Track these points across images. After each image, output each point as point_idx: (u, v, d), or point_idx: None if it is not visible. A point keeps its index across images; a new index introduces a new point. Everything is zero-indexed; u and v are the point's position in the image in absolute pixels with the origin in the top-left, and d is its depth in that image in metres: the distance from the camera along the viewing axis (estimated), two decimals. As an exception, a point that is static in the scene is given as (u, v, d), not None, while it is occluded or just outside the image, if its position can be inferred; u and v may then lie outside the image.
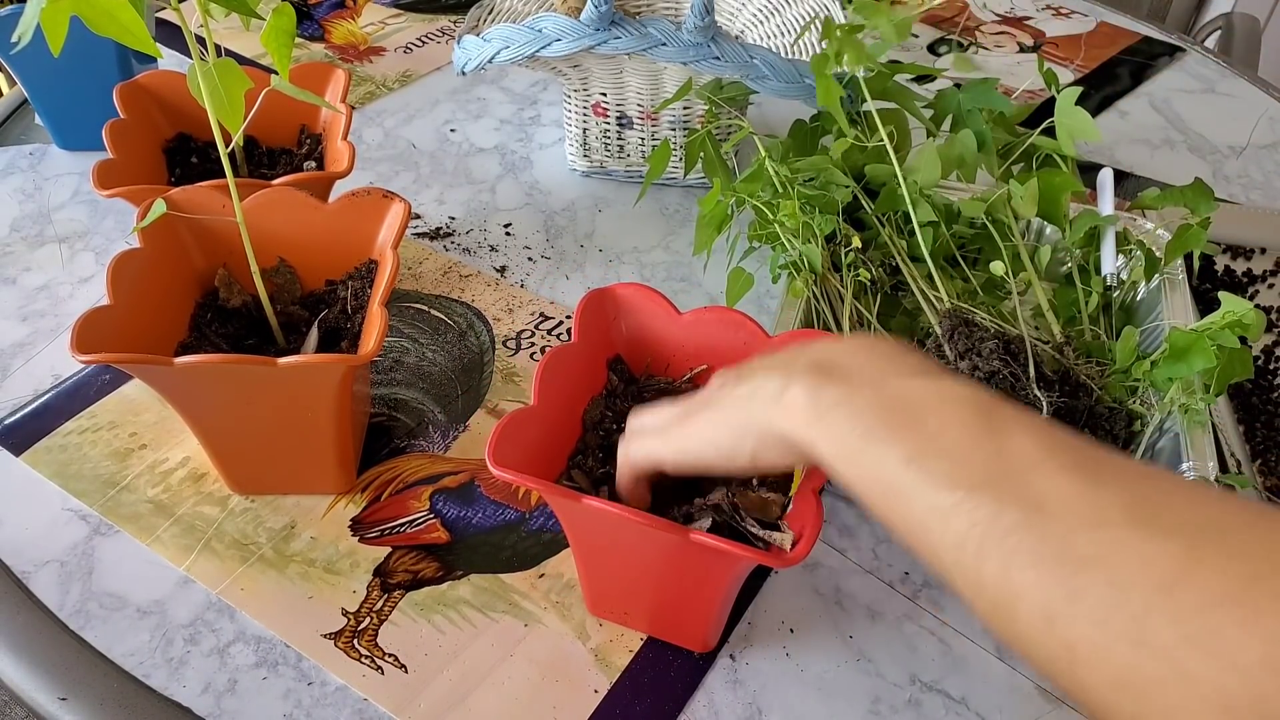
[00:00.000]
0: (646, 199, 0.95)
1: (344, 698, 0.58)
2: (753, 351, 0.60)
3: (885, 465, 0.36)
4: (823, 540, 0.67)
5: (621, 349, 0.62)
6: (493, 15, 0.97)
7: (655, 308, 0.61)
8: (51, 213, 0.91)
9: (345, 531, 0.66)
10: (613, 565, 0.58)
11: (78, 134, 0.97)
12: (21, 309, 0.81)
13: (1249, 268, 0.88)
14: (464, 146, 1.03)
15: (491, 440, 0.50)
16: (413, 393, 0.76)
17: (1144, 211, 0.79)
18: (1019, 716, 0.59)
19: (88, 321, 0.57)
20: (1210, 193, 0.73)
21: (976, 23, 1.30)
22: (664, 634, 0.61)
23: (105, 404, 0.74)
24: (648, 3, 1.04)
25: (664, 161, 0.83)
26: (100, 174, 0.70)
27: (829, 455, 0.39)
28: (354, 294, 0.68)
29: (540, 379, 0.55)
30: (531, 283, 0.87)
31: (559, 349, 0.57)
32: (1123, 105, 1.16)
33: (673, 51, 0.79)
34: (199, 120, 0.80)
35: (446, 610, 0.62)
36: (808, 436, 0.39)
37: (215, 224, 0.67)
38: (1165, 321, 0.74)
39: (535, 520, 0.67)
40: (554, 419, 0.56)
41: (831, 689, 0.60)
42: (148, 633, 0.60)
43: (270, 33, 0.56)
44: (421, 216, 0.93)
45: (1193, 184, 0.74)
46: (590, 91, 0.91)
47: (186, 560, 0.64)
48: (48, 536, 0.65)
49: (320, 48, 1.18)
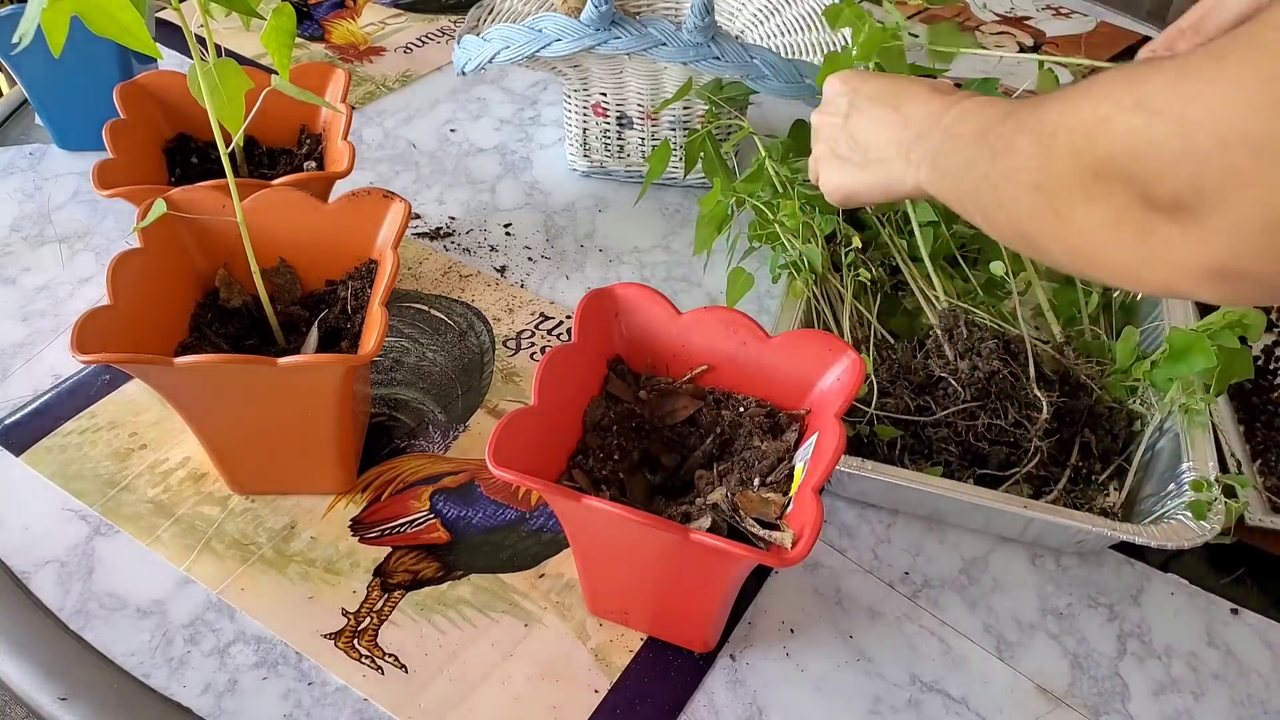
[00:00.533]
0: (646, 199, 0.95)
1: (344, 698, 0.58)
2: (753, 351, 0.60)
3: (951, 166, 0.50)
4: (823, 540, 0.67)
5: (621, 349, 0.62)
6: (493, 15, 0.97)
7: (655, 308, 0.61)
8: (51, 213, 0.91)
9: (345, 531, 0.66)
10: (612, 565, 0.58)
11: (78, 134, 0.97)
12: (21, 309, 0.81)
13: (1249, 268, 0.88)
14: (464, 146, 1.03)
15: (492, 440, 0.50)
16: (413, 393, 0.76)
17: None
18: (1019, 716, 0.59)
19: (88, 321, 0.57)
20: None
21: (977, 23, 1.30)
22: (664, 634, 0.61)
23: (105, 404, 0.74)
24: (648, 3, 1.04)
25: (664, 162, 0.83)
26: (100, 174, 0.70)
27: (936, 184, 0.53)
28: (354, 294, 0.68)
29: (540, 379, 0.55)
30: (531, 283, 0.87)
31: (559, 349, 0.57)
32: (1123, 105, 1.16)
33: (673, 51, 0.79)
34: (199, 120, 0.80)
35: (446, 610, 0.62)
36: (916, 181, 0.54)
37: (215, 224, 0.67)
38: (1165, 321, 0.74)
39: (535, 520, 0.67)
40: (554, 419, 0.56)
41: (831, 689, 0.60)
42: (148, 633, 0.60)
43: (270, 33, 0.56)
44: (421, 216, 0.93)
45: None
46: (590, 91, 0.91)
47: (186, 560, 0.64)
48: (48, 536, 0.65)
49: (320, 48, 1.18)
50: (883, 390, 0.69)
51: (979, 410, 0.67)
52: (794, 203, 0.73)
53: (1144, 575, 0.67)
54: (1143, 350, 0.71)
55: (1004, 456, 0.67)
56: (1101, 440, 0.69)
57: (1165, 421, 0.68)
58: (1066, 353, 0.72)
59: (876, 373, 0.69)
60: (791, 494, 0.54)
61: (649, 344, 0.62)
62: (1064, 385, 0.71)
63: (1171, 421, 0.67)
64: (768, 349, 0.59)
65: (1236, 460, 0.72)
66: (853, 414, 0.68)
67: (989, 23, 1.30)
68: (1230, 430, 0.74)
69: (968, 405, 0.67)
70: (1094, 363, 0.73)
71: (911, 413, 0.68)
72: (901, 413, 0.68)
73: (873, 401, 0.68)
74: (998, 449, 0.67)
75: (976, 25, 1.30)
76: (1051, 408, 0.67)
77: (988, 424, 0.66)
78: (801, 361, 0.59)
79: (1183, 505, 0.61)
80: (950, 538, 0.68)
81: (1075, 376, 0.71)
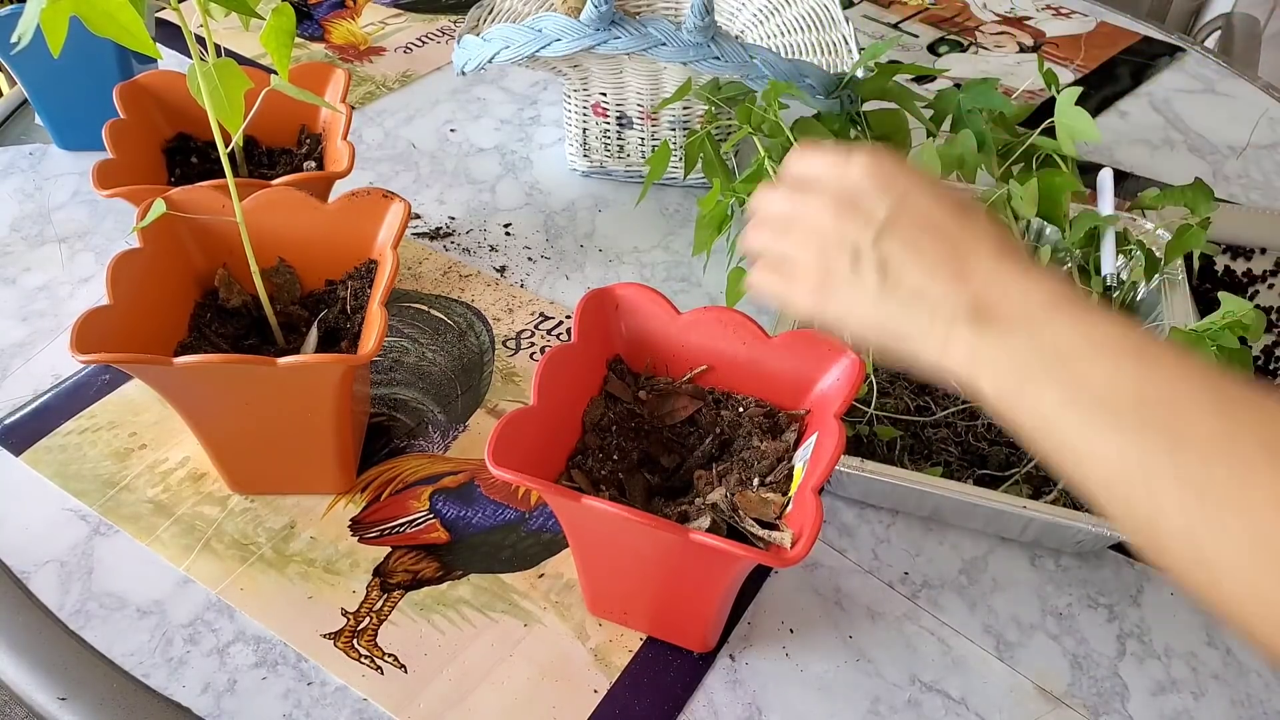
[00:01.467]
0: (646, 199, 0.95)
1: (343, 698, 0.58)
2: (753, 352, 0.60)
3: (1042, 405, 0.40)
4: (823, 540, 0.67)
5: (621, 349, 0.62)
6: (493, 15, 0.97)
7: (655, 308, 0.61)
8: (51, 213, 0.91)
9: (345, 531, 0.66)
10: (612, 565, 0.58)
11: (78, 134, 0.97)
12: (21, 309, 0.81)
13: (1249, 268, 0.88)
14: (464, 146, 1.03)
15: (491, 440, 0.50)
16: (412, 393, 0.76)
17: (1144, 211, 0.79)
18: (1019, 716, 0.59)
19: (88, 321, 0.57)
20: (1210, 193, 0.73)
21: (976, 23, 1.30)
22: (663, 634, 0.61)
23: (105, 404, 0.74)
24: (648, 3, 1.04)
25: (664, 163, 0.83)
26: (100, 174, 0.70)
27: (990, 393, 0.42)
28: (354, 294, 0.68)
29: (540, 379, 0.55)
30: (531, 283, 0.87)
31: (559, 349, 0.57)
32: (1123, 105, 1.16)
33: (673, 51, 0.79)
34: (199, 120, 0.80)
35: (446, 610, 0.62)
36: (970, 374, 0.43)
37: (215, 224, 0.67)
38: (1165, 321, 0.74)
39: (535, 520, 0.67)
40: (554, 419, 0.56)
41: (831, 689, 0.60)
42: (147, 633, 0.60)
43: (270, 33, 0.56)
44: (421, 216, 0.93)
45: (1193, 184, 0.74)
46: (590, 91, 0.91)
47: (186, 560, 0.64)
48: (48, 536, 0.65)
49: (320, 48, 1.18)
50: (882, 390, 0.69)
51: (979, 410, 0.67)
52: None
53: (1144, 575, 0.67)
54: (1142, 350, 0.71)
55: (1004, 457, 0.67)
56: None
57: (1165, 422, 0.67)
58: (1066, 353, 0.72)
59: (876, 373, 0.69)
60: (791, 494, 0.54)
61: (649, 344, 0.62)
62: (1064, 385, 0.70)
63: (1171, 422, 0.67)
64: (768, 349, 0.59)
65: (1236, 460, 0.72)
66: (852, 414, 0.68)
67: (989, 23, 1.30)
68: (1230, 430, 0.74)
69: (968, 405, 0.67)
70: (1094, 363, 0.73)
71: (911, 413, 0.68)
72: (901, 413, 0.68)
73: (872, 401, 0.68)
74: (997, 449, 0.67)
75: (976, 25, 1.30)
76: (1051, 408, 0.67)
77: (987, 424, 0.67)
78: (801, 361, 0.59)
79: (1182, 505, 0.61)
80: (950, 538, 0.68)
81: (1075, 377, 0.71)
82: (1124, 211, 0.79)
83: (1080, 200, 0.84)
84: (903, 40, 1.25)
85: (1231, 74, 1.23)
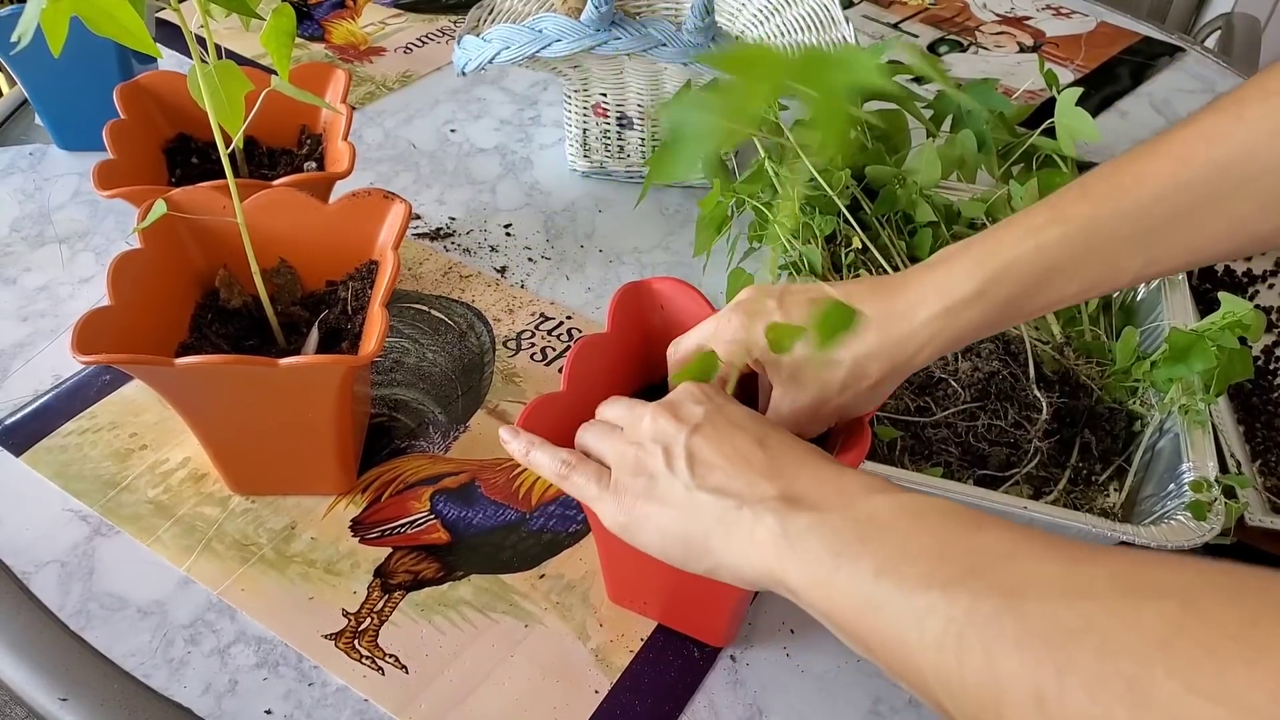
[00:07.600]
0: (646, 199, 0.95)
1: (344, 698, 0.58)
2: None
3: (857, 581, 0.37)
4: (823, 540, 0.67)
5: (655, 343, 0.62)
6: (493, 15, 0.97)
7: (692, 304, 0.61)
8: (51, 213, 0.91)
9: (346, 532, 0.66)
10: (637, 554, 0.58)
11: (78, 134, 0.97)
12: (21, 309, 0.81)
13: (1249, 268, 0.88)
14: (464, 147, 1.03)
15: (520, 420, 0.52)
16: (413, 393, 0.76)
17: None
18: (1019, 717, 0.59)
19: (88, 322, 0.57)
20: (1210, 193, 0.73)
21: (977, 23, 1.30)
22: (682, 625, 0.61)
23: (105, 404, 0.74)
24: (648, 3, 1.04)
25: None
26: (100, 174, 0.70)
27: (800, 583, 0.39)
28: (354, 295, 0.68)
29: (571, 365, 0.56)
30: (532, 283, 0.87)
31: (591, 337, 0.57)
32: (1123, 105, 1.16)
33: (673, 52, 0.79)
34: (199, 121, 0.80)
35: (447, 611, 0.62)
36: (779, 567, 0.40)
37: (215, 224, 0.67)
38: (1165, 322, 0.74)
39: (535, 520, 0.67)
40: (580, 406, 0.56)
41: (832, 689, 0.60)
42: (148, 633, 0.60)
43: (270, 33, 0.56)
44: (422, 217, 0.93)
45: (1193, 184, 0.74)
46: (590, 92, 0.91)
47: (187, 561, 0.64)
48: (48, 537, 0.65)
49: (320, 48, 1.18)
50: (883, 391, 0.69)
51: (979, 411, 0.67)
52: (793, 203, 0.73)
53: (1144, 575, 0.67)
54: (1143, 351, 0.71)
55: (1004, 457, 0.67)
56: (1101, 441, 0.69)
57: (1165, 422, 0.68)
58: (1066, 353, 0.72)
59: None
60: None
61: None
62: (1064, 386, 0.71)
63: (1171, 422, 0.67)
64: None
65: (1236, 460, 0.72)
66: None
67: (989, 23, 1.30)
68: (1230, 430, 0.74)
69: (968, 406, 0.67)
70: (1094, 363, 0.73)
71: (911, 413, 0.68)
72: (901, 413, 0.68)
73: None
74: (998, 450, 0.67)
75: (977, 25, 1.30)
76: (1051, 408, 0.67)
77: (988, 424, 0.67)
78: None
79: (1183, 506, 0.61)
80: (950, 538, 0.68)
81: (1075, 377, 0.71)
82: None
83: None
84: (903, 40, 1.25)
85: (1232, 74, 1.23)
